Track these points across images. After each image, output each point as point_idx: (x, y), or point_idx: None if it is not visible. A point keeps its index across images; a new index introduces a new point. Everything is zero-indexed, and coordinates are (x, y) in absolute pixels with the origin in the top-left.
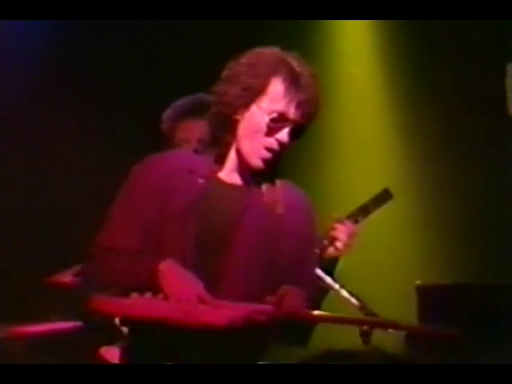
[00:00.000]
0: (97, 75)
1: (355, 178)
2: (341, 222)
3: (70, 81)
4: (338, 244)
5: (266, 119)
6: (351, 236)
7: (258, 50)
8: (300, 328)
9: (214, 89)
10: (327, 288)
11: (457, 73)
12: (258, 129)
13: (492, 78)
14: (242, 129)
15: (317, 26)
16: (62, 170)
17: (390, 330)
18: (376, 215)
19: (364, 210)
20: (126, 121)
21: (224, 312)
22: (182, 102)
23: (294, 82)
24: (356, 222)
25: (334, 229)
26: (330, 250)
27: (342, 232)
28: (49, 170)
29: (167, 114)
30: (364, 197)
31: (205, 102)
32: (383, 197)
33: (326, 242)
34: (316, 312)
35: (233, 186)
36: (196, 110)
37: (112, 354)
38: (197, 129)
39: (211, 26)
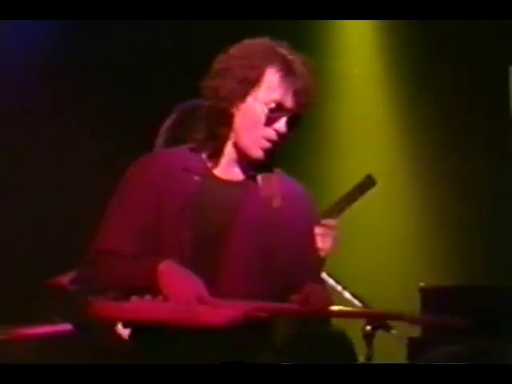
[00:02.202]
0: (96, 76)
1: (355, 177)
2: None
3: (69, 82)
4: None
5: (265, 109)
6: (325, 234)
7: (247, 41)
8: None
9: (206, 84)
10: None
11: (459, 74)
12: (256, 120)
13: (495, 80)
14: (240, 121)
15: (318, 26)
16: (65, 171)
17: (393, 332)
18: (379, 217)
19: (348, 199)
20: (124, 123)
21: (224, 311)
22: (182, 105)
23: (289, 70)
24: (331, 216)
25: None
26: None
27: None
28: (51, 172)
29: (170, 118)
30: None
31: (201, 104)
32: (366, 183)
33: None
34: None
35: (228, 182)
36: (196, 114)
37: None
38: (194, 132)
39: (212, 26)
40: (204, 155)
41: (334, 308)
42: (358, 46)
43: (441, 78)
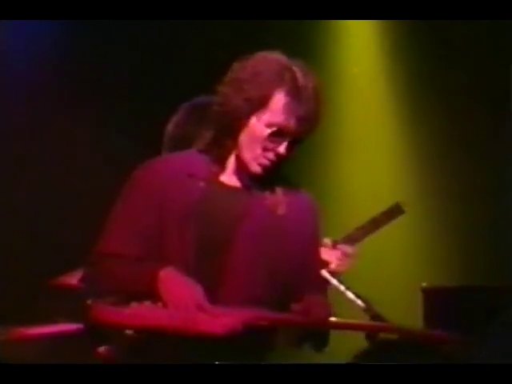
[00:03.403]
0: (97, 77)
1: (358, 180)
2: (332, 245)
3: (70, 82)
4: (331, 266)
5: (266, 132)
6: (343, 259)
7: (263, 54)
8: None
9: (219, 89)
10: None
11: (461, 73)
12: (256, 140)
13: (497, 79)
14: (242, 137)
15: (319, 26)
16: (66, 171)
17: None
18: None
19: (373, 224)
20: (127, 124)
21: (223, 320)
22: (187, 104)
23: (296, 95)
24: (352, 242)
25: (324, 252)
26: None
27: (332, 256)
28: (53, 172)
29: (174, 117)
30: (366, 198)
31: (209, 103)
32: (394, 212)
33: None
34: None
35: (233, 189)
36: (201, 112)
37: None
38: (201, 130)
39: (213, 26)
40: (210, 160)
41: (334, 320)
42: (359, 45)
43: (441, 78)
